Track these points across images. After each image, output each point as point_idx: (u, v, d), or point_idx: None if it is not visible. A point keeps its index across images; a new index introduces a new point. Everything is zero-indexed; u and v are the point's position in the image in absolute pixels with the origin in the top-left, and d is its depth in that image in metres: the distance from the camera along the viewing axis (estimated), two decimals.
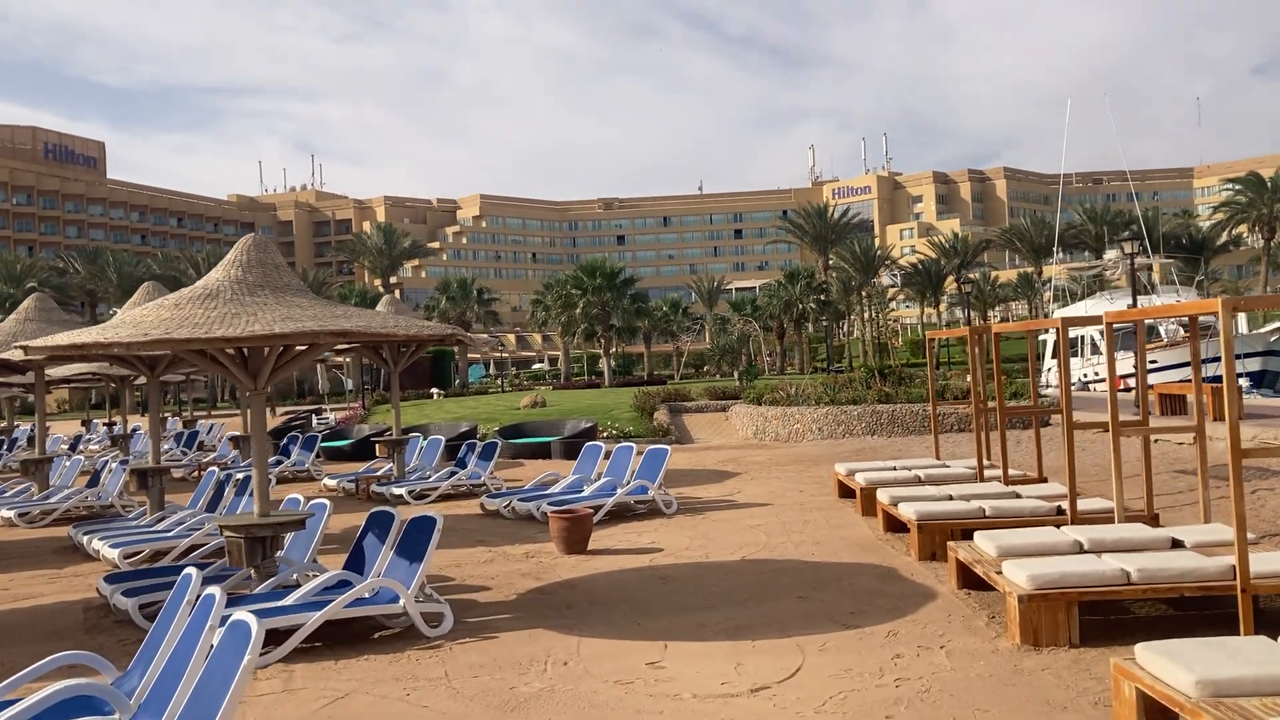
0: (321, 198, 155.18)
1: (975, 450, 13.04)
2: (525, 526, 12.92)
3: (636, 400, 28.64)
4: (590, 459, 14.92)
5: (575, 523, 10.84)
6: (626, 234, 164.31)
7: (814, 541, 10.94)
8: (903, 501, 10.37)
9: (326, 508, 9.22)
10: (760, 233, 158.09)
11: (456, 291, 65.33)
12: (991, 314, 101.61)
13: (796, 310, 70.87)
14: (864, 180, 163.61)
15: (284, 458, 20.58)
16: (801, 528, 11.85)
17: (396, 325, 7.90)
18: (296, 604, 7.58)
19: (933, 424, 14.49)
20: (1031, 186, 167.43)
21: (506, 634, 7.66)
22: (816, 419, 22.75)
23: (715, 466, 18.96)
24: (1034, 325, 12.46)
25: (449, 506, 15.35)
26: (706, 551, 10.68)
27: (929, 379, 14.23)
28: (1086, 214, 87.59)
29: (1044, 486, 11.22)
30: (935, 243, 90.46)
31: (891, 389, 23.15)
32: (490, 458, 16.81)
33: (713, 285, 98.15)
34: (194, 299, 8.05)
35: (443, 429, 24.39)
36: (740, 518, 12.86)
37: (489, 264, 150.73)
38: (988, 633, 7.08)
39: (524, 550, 11.24)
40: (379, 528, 8.54)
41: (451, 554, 11.20)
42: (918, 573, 9.11)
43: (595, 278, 50.61)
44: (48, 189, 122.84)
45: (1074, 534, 8.01)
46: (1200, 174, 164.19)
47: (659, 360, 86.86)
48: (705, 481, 16.83)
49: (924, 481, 12.37)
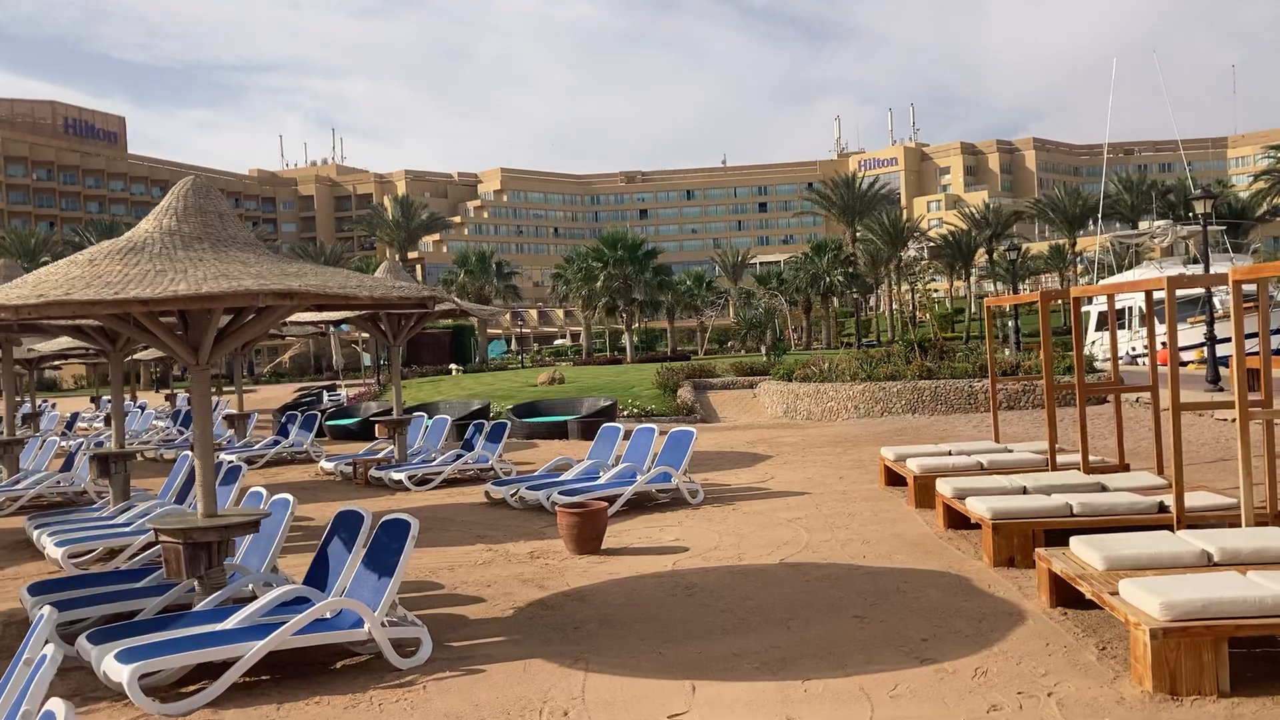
0: (342, 172, 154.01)
1: (1046, 432, 11.48)
2: (533, 518, 11.46)
3: (659, 377, 27.15)
4: (607, 442, 13.43)
5: (587, 519, 9.36)
6: (649, 208, 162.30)
7: (863, 540, 9.42)
8: (971, 495, 8.82)
9: (289, 505, 7.76)
10: (785, 206, 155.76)
11: (475, 265, 63.91)
12: (1022, 286, 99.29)
13: (824, 283, 69.14)
14: (890, 152, 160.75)
15: (282, 438, 19.22)
16: (846, 522, 10.34)
17: (359, 286, 6.40)
18: (236, 629, 6.15)
19: (993, 402, 12.90)
20: (1061, 158, 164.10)
21: (496, 666, 6.20)
22: (852, 396, 21.18)
23: (744, 448, 17.45)
24: (1127, 286, 10.83)
25: (452, 494, 13.94)
26: (739, 552, 9.18)
27: (988, 352, 12.63)
28: (1122, 183, 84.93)
29: (1131, 476, 9.64)
30: (966, 213, 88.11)
31: (933, 364, 21.53)
32: (499, 439, 15.35)
33: (737, 259, 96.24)
34: (114, 253, 6.59)
35: (453, 407, 22.99)
36: (775, 509, 11.35)
37: (510, 238, 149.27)
38: (1102, 672, 5.55)
39: (529, 549, 9.78)
40: (345, 531, 7.10)
41: (446, 553, 9.76)
42: (995, 583, 7.58)
43: (617, 250, 49.04)
44: (68, 164, 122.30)
45: (1198, 542, 6.46)
46: (1235, 143, 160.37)
47: (682, 336, 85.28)
48: (734, 465, 15.33)
49: (987, 469, 10.82)
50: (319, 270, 7.29)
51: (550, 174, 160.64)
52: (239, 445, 19.16)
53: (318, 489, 15.08)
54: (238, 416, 20.12)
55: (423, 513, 12.28)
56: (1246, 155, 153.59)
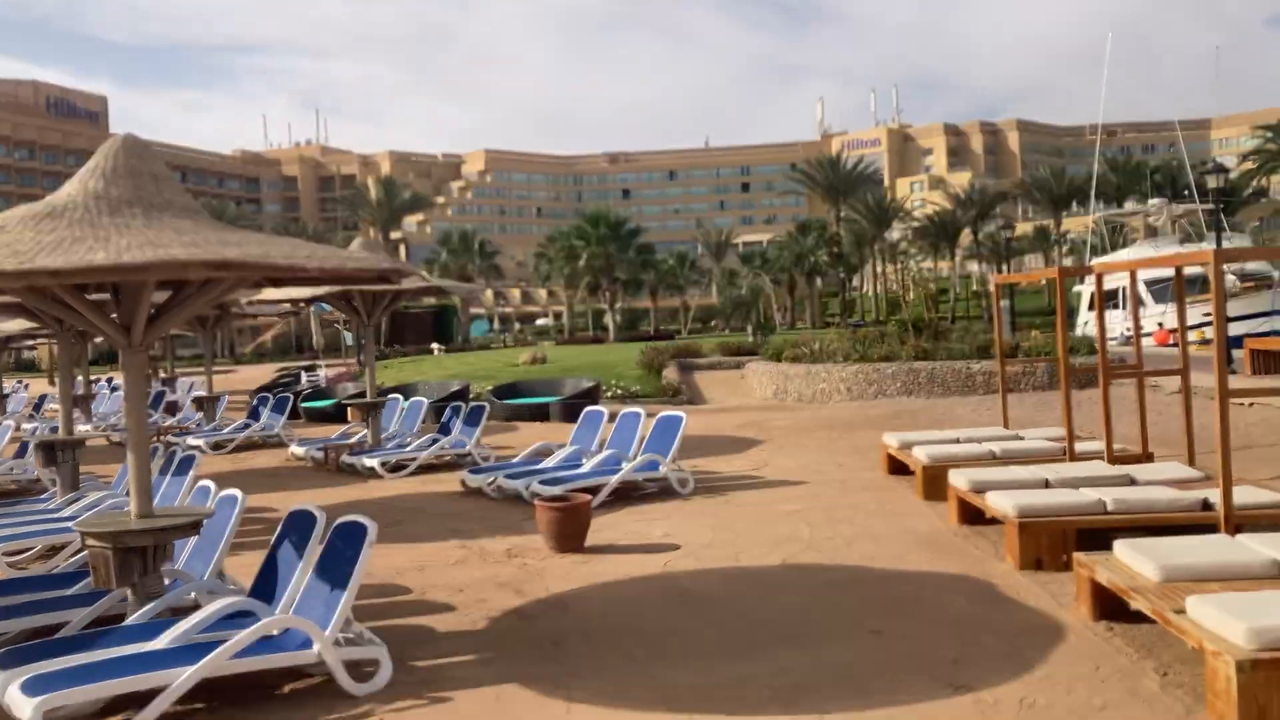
0: (327, 153, 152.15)
1: (1054, 417, 10.79)
2: (511, 510, 10.66)
3: (644, 356, 26.32)
4: (590, 427, 12.62)
5: (569, 514, 8.57)
6: (632, 188, 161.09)
7: (871, 537, 8.66)
8: (992, 489, 8.06)
9: (237, 503, 6.93)
10: (768, 186, 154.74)
11: (458, 245, 62.88)
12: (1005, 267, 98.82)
13: (808, 263, 68.41)
14: (873, 133, 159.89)
15: (252, 421, 18.32)
16: (850, 515, 9.58)
17: (309, 257, 5.56)
18: (167, 650, 5.34)
19: (1002, 387, 12.11)
20: (1044, 138, 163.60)
21: (464, 694, 5.40)
22: (845, 378, 20.43)
23: (734, 432, 16.68)
24: (1162, 261, 10.05)
25: (427, 481, 13.12)
26: (735, 551, 8.40)
27: (996, 332, 11.86)
28: (1109, 164, 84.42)
29: (1159, 468, 8.91)
30: (951, 194, 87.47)
31: (929, 344, 20.79)
32: (477, 423, 14.51)
33: (720, 239, 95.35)
34: (27, 218, 5.73)
35: (431, 388, 22.12)
36: (772, 500, 10.59)
37: (494, 219, 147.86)
38: (1171, 706, 4.80)
39: (506, 546, 8.97)
40: (296, 534, 6.28)
41: (416, 550, 8.95)
42: (1024, 590, 6.83)
43: (599, 228, 48.13)
44: (50, 143, 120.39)
45: (1265, 549, 5.72)
46: (1218, 125, 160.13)
47: (665, 315, 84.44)
48: (724, 451, 14.56)
49: (1000, 458, 10.08)
50: (264, 239, 6.45)
51: (534, 155, 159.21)
52: (208, 429, 18.26)
53: (286, 476, 14.23)
54: (207, 399, 19.19)
55: (395, 503, 11.48)
56: (1231, 136, 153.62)
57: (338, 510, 11.17)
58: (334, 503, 11.54)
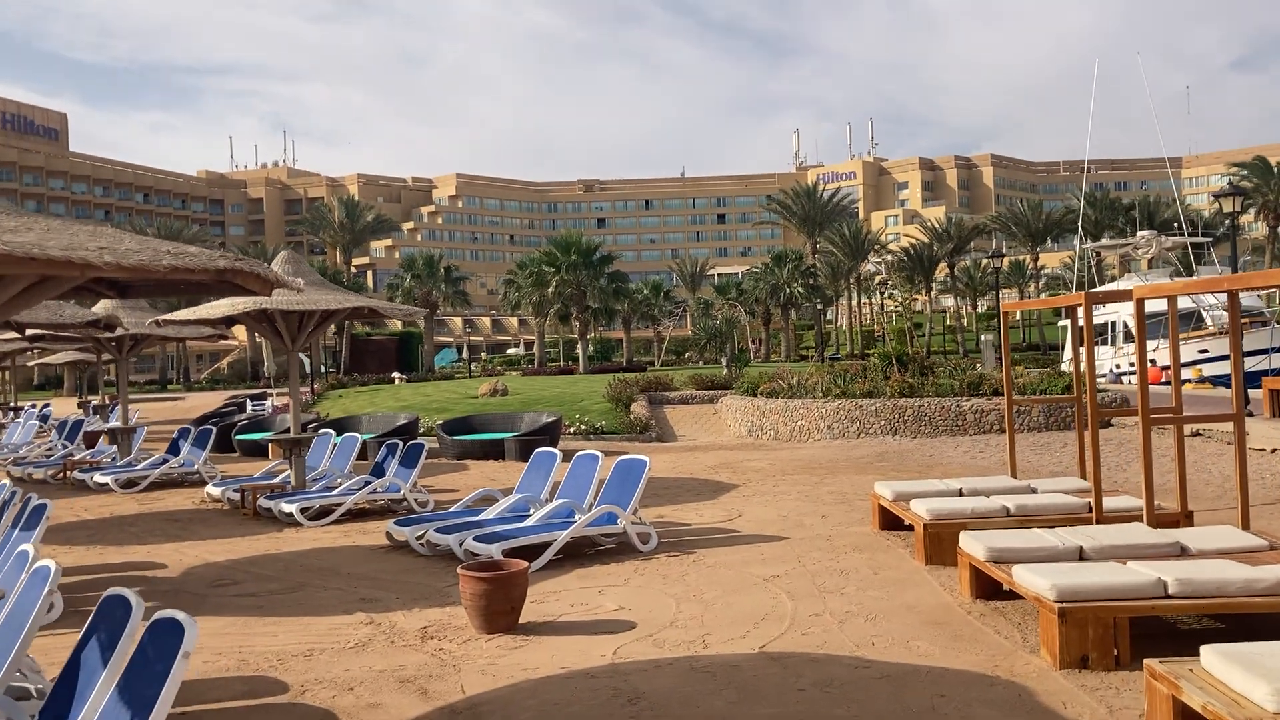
0: (294, 175, 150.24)
1: (1083, 466, 9.31)
2: (441, 571, 9.03)
3: (611, 389, 24.76)
4: (540, 471, 11.01)
5: (498, 586, 6.95)
6: (607, 217, 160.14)
7: (867, 614, 7.11)
8: (1018, 562, 6.54)
9: (46, 581, 5.27)
10: (744, 218, 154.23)
11: (423, 270, 61.13)
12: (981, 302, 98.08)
13: (784, 294, 67.15)
14: (849, 166, 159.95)
15: (171, 456, 16.57)
16: (840, 584, 8.02)
17: (104, 250, 3.97)
18: None
19: (1009, 428, 10.55)
20: (1018, 174, 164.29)
21: None
22: (825, 415, 18.93)
23: (705, 474, 15.13)
24: (1197, 286, 8.62)
25: (350, 531, 11.46)
26: (703, 633, 6.82)
27: (1004, 364, 10.37)
28: (1086, 199, 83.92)
29: (1211, 533, 7.41)
30: (928, 227, 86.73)
31: (915, 380, 19.34)
32: (414, 463, 12.87)
33: (695, 269, 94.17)
34: None
35: (376, 421, 20.45)
36: (747, 561, 9.02)
37: (465, 245, 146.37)
38: None
39: (423, 622, 7.35)
40: (106, 632, 4.63)
41: (311, 626, 7.31)
42: (1072, 701, 5.28)
43: (570, 254, 46.56)
44: (4, 160, 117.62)
45: None
46: (1189, 164, 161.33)
47: (640, 346, 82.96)
48: (694, 497, 12.99)
49: (1016, 516, 8.57)
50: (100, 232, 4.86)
51: (507, 181, 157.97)
52: (120, 465, 16.49)
53: (192, 522, 12.52)
54: (122, 430, 17.40)
55: (304, 560, 9.83)
56: (1200, 175, 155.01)
57: (233, 569, 9.54)
58: (231, 558, 9.90)
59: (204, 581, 8.94)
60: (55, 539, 11.40)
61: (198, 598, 8.31)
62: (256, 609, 7.89)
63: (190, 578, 9.13)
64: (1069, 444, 16.55)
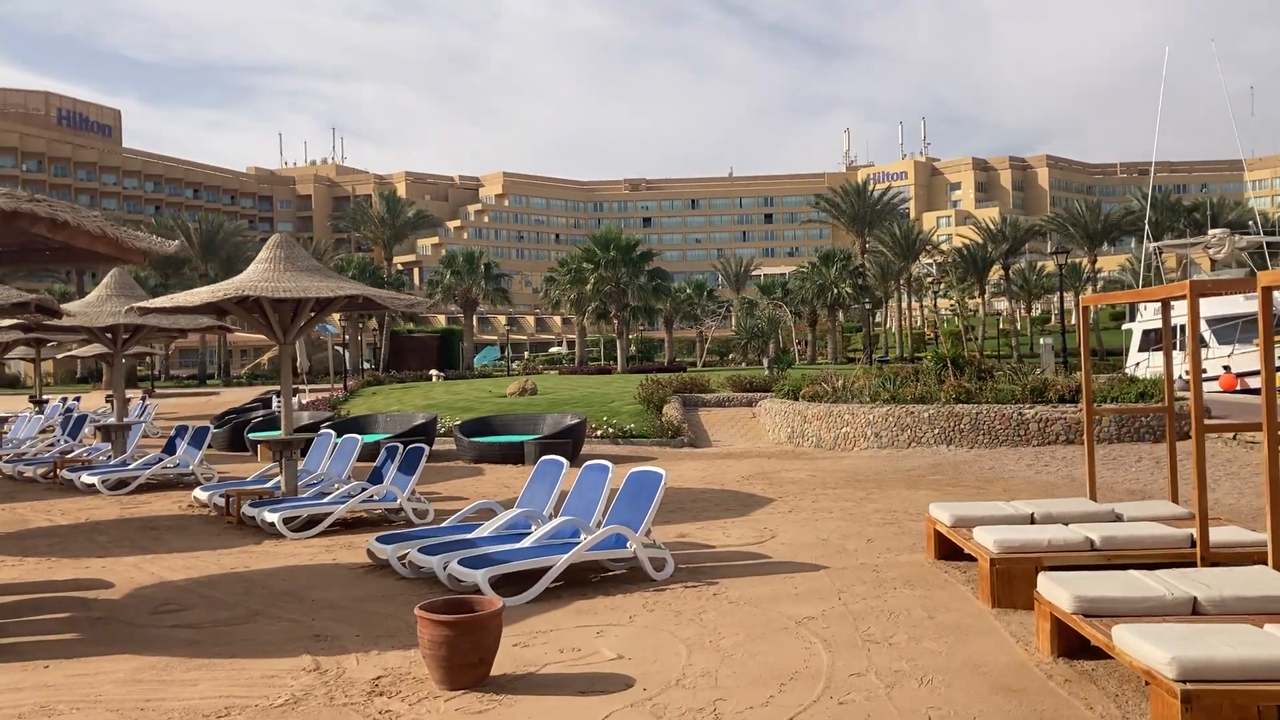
0: (342, 172, 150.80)
1: (1171, 489, 7.82)
2: (418, 600, 7.73)
3: (642, 390, 23.40)
4: (545, 482, 9.70)
5: (464, 631, 5.63)
6: (653, 216, 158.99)
7: (922, 676, 5.70)
8: (1122, 619, 5.11)
9: None
10: (791, 218, 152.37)
11: (462, 266, 60.13)
12: (1036, 305, 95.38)
13: (831, 295, 65.35)
14: (900, 165, 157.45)
15: (166, 455, 15.47)
16: (888, 630, 6.61)
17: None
18: None
19: (1088, 442, 9.00)
20: (1075, 176, 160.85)
21: None
22: (872, 421, 17.45)
23: (738, 486, 13.73)
24: None
25: (335, 545, 10.24)
26: (715, 696, 5.45)
27: (1084, 367, 8.86)
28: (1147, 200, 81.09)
29: None
30: (982, 228, 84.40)
31: (972, 384, 17.78)
32: (413, 470, 11.61)
33: (740, 268, 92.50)
34: None
35: (394, 421, 19.28)
36: (777, 595, 7.63)
37: (511, 244, 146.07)
38: None
39: (376, 670, 6.05)
40: None
41: (240, 675, 6.03)
42: None
43: (609, 251, 45.21)
44: (59, 156, 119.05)
45: None
46: (1252, 166, 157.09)
47: (682, 347, 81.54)
48: (723, 512, 11.61)
49: (1102, 551, 7.12)
50: None
51: (553, 179, 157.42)
52: (112, 463, 15.42)
53: (168, 530, 11.36)
54: (116, 427, 16.35)
55: (270, 580, 8.60)
56: (1265, 178, 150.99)
57: (186, 592, 8.25)
58: (190, 577, 8.72)
59: (147, 607, 7.72)
60: (12, 548, 10.32)
61: (129, 629, 7.09)
62: (190, 645, 6.64)
63: (133, 601, 7.92)
64: (1143, 457, 14.97)
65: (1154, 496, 12.12)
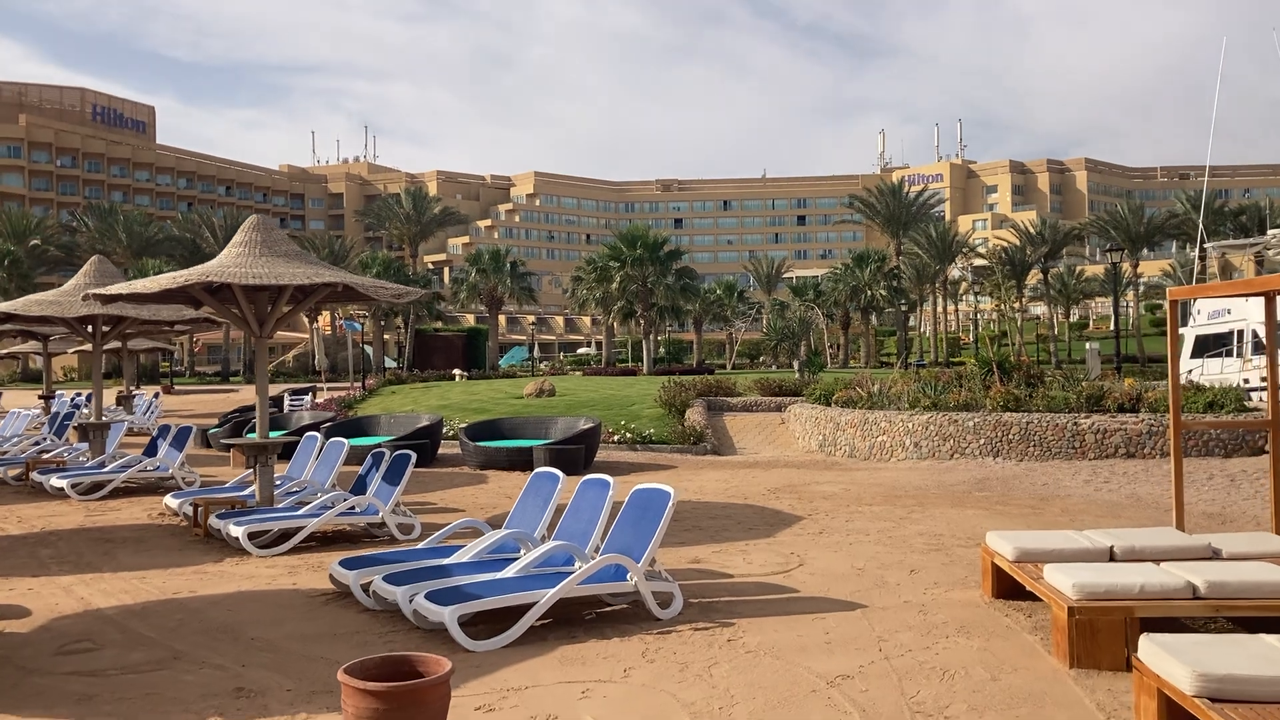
0: (374, 170, 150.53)
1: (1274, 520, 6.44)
2: (376, 639, 6.50)
3: (664, 392, 22.10)
4: (538, 499, 8.43)
5: (398, 707, 4.34)
6: (685, 217, 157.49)
7: None
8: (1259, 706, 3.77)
9: None
10: (824, 219, 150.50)
11: (488, 264, 59.05)
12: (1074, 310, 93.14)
13: (864, 297, 63.72)
14: (936, 168, 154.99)
15: (147, 457, 14.34)
16: (942, 695, 5.29)
17: None
18: None
19: (1175, 461, 7.59)
20: (1114, 179, 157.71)
21: None
22: (911, 430, 16.06)
23: (763, 500, 12.41)
24: None
25: (303, 565, 9.02)
26: None
27: (1171, 373, 7.48)
28: (1190, 203, 78.85)
29: None
30: (1020, 230, 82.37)
31: (1020, 391, 16.34)
32: (398, 480, 10.40)
33: (771, 269, 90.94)
34: None
35: (398, 422, 18.10)
36: (804, 644, 6.32)
37: (541, 244, 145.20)
38: None
39: None
40: None
41: None
42: None
43: (636, 248, 43.89)
44: (93, 152, 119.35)
45: None
46: None
47: (712, 349, 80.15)
48: (744, 532, 10.30)
49: (1206, 598, 5.76)
50: None
51: (584, 179, 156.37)
52: (87, 466, 14.33)
53: (124, 543, 10.19)
54: (94, 426, 15.25)
55: (217, 608, 7.41)
56: None
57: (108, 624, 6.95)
58: (123, 604, 7.55)
59: (54, 645, 6.52)
60: None
61: (16, 676, 5.87)
62: (78, 703, 5.42)
63: (42, 636, 6.73)
64: (1214, 474, 13.51)
65: (1234, 519, 10.73)
